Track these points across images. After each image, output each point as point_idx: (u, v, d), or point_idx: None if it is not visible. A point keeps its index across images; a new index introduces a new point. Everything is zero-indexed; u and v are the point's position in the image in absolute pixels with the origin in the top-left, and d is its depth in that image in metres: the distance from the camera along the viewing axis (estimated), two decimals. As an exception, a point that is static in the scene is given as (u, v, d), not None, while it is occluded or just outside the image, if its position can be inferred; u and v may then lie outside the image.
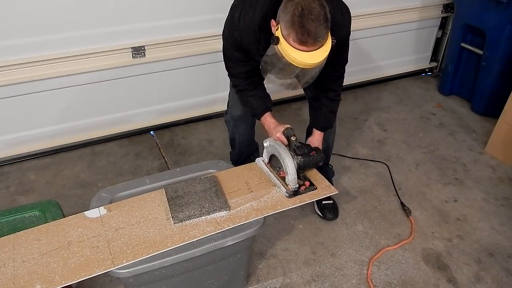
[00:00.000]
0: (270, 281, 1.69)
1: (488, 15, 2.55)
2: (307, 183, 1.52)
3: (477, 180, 2.24)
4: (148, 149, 2.43)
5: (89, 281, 1.21)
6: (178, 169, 1.60)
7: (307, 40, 1.24)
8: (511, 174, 2.28)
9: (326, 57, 1.31)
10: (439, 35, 3.23)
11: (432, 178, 2.25)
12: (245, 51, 1.53)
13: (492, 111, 2.62)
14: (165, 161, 2.33)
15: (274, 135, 1.59)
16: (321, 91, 1.69)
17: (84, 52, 2.15)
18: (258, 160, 1.66)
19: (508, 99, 2.24)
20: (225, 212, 1.37)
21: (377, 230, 1.92)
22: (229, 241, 1.30)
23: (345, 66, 1.66)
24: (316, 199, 1.57)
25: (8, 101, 2.14)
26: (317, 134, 1.75)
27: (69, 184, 2.16)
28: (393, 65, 3.18)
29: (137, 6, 2.17)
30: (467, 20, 2.73)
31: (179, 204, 1.38)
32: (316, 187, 1.53)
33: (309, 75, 1.41)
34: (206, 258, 1.33)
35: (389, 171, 2.27)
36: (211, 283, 1.47)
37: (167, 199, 1.40)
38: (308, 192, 1.50)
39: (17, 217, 1.37)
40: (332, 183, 1.91)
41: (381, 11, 2.83)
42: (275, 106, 1.72)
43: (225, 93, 1.94)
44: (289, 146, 1.55)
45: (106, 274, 1.20)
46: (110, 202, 1.43)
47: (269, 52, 1.36)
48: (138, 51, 2.27)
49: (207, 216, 1.35)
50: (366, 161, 2.35)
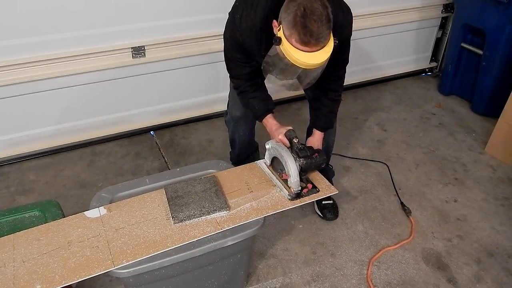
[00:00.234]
0: (270, 281, 1.69)
1: (488, 15, 2.55)
2: (310, 186, 1.52)
3: (477, 180, 2.24)
4: (148, 149, 2.43)
5: (89, 281, 1.21)
6: (178, 169, 1.60)
7: (310, 41, 1.23)
8: (511, 174, 2.28)
9: (328, 58, 1.30)
10: (439, 35, 3.23)
11: (432, 178, 2.25)
12: (247, 52, 1.53)
13: (492, 111, 2.62)
14: (165, 161, 2.33)
15: (276, 137, 1.58)
16: (322, 91, 1.69)
17: (84, 52, 2.15)
18: (260, 162, 1.65)
19: (508, 99, 2.24)
20: (225, 212, 1.37)
21: (377, 230, 1.92)
22: (229, 241, 1.30)
23: (346, 66, 1.65)
24: (316, 199, 1.57)
25: (8, 101, 2.14)
26: (317, 134, 1.74)
27: (69, 184, 2.16)
28: (393, 65, 3.18)
29: (137, 6, 2.17)
30: (467, 20, 2.73)
31: (179, 204, 1.38)
32: (319, 190, 1.52)
33: (311, 76, 1.41)
34: (206, 258, 1.33)
35: (389, 171, 2.27)
36: (211, 283, 1.47)
37: (167, 199, 1.41)
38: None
39: (17, 217, 1.37)
40: (332, 183, 1.91)
41: (381, 11, 2.83)
42: (275, 106, 1.72)
43: (225, 93, 1.94)
44: (291, 148, 1.54)
45: (106, 274, 1.20)
46: (110, 202, 1.43)
47: (271, 53, 1.36)
48: (138, 51, 2.27)
49: (207, 216, 1.35)
50: (366, 161, 2.35)
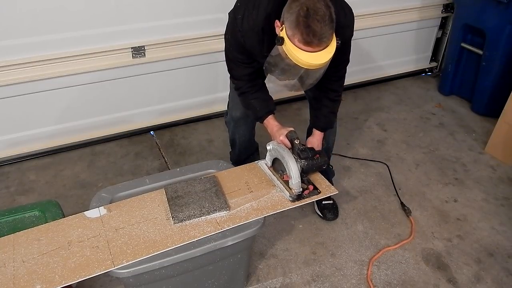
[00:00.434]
0: (270, 281, 1.69)
1: (488, 15, 2.55)
2: (311, 187, 1.51)
3: (477, 180, 2.24)
4: (148, 149, 2.42)
5: (89, 281, 1.21)
6: (178, 169, 1.60)
7: (312, 41, 1.23)
8: (511, 174, 2.28)
9: (331, 58, 1.29)
10: (439, 35, 3.23)
11: (432, 178, 2.25)
12: (248, 53, 1.52)
13: (492, 111, 2.62)
14: (165, 161, 2.33)
15: (278, 138, 1.57)
16: (322, 91, 1.69)
17: (84, 52, 2.15)
18: (260, 163, 1.65)
19: (508, 99, 2.24)
20: (225, 212, 1.37)
21: (377, 230, 1.92)
22: (229, 241, 1.30)
23: (347, 67, 1.65)
24: (316, 199, 1.56)
25: (8, 101, 2.14)
26: (317, 134, 1.74)
27: (69, 184, 2.16)
28: (393, 65, 3.18)
29: (137, 6, 2.17)
30: (467, 20, 2.73)
31: (179, 204, 1.38)
32: (320, 191, 1.52)
33: (313, 77, 1.39)
34: (206, 258, 1.33)
35: (389, 171, 2.27)
36: (211, 283, 1.47)
37: (167, 199, 1.40)
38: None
39: (17, 217, 1.37)
40: (332, 183, 1.90)
41: (381, 11, 2.83)
42: (276, 107, 1.71)
43: (225, 93, 1.94)
44: (293, 150, 1.53)
45: (106, 274, 1.20)
46: (110, 202, 1.43)
47: (273, 53, 1.35)
48: (138, 51, 2.27)
49: (207, 216, 1.35)
50: (366, 161, 2.35)
